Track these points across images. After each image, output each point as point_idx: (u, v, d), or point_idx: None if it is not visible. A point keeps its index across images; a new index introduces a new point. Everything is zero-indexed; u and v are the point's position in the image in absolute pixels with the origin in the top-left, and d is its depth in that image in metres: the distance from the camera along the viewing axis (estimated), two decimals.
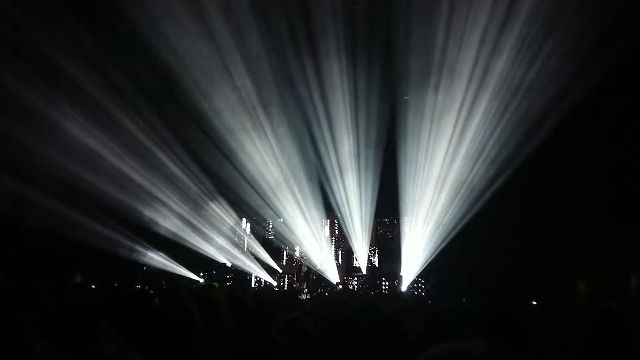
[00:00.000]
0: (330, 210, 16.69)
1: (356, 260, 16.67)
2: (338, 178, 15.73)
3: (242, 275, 16.06)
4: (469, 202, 12.67)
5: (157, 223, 13.48)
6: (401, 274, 15.34)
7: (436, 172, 13.36)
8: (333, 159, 15.29)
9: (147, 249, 13.32)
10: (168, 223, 13.78)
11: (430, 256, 14.36)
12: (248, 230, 16.89)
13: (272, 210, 15.56)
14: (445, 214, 13.45)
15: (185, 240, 14.17)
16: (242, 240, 16.41)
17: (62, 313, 2.64)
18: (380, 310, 2.79)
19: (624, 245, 8.65)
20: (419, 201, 14.32)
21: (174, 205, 13.70)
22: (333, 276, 16.00)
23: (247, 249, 16.22)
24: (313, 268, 14.56)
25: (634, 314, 2.25)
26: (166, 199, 13.49)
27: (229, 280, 15.46)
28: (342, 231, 17.20)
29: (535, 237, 10.49)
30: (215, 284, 10.87)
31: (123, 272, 11.43)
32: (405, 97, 13.11)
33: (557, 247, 10.13)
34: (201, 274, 15.21)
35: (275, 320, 2.22)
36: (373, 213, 16.56)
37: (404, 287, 13.86)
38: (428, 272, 13.33)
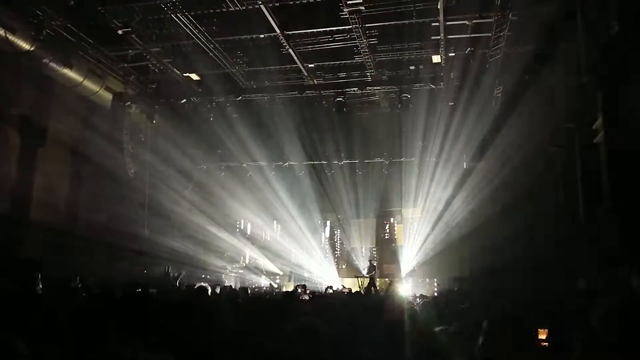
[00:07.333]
0: (331, 212, 16.62)
1: (356, 260, 16.61)
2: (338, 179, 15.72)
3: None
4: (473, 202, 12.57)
5: None
6: (401, 273, 15.31)
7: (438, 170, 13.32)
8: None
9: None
10: None
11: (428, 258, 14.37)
12: None
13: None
14: (446, 212, 13.38)
15: None
16: None
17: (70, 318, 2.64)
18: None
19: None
20: (421, 201, 14.28)
21: None
22: (332, 277, 15.94)
23: None
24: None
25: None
26: None
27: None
28: (343, 232, 17.14)
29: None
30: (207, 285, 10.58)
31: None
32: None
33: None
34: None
35: (292, 324, 2.19)
36: (374, 214, 16.50)
37: (404, 290, 13.81)
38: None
